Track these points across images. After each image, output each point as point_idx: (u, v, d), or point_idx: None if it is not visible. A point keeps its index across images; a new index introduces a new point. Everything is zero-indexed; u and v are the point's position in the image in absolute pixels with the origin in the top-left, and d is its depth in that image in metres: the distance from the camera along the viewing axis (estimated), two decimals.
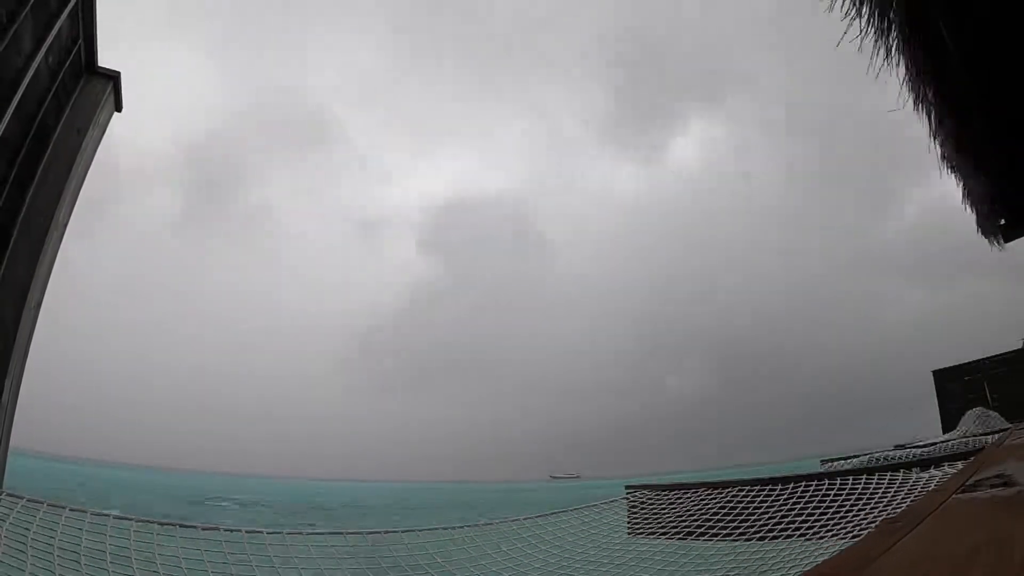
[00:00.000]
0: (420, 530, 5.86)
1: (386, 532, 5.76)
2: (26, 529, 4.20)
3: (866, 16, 3.30)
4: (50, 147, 9.98)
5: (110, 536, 4.44)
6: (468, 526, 6.12)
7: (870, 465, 8.32)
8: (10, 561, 3.78)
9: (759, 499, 6.60)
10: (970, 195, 5.01)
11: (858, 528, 5.49)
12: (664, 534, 6.54)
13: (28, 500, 4.58)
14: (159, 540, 4.64)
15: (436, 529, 5.96)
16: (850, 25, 3.35)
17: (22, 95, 8.43)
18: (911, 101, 4.04)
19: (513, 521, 6.38)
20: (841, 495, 6.15)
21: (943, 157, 4.56)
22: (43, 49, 8.81)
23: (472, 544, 5.86)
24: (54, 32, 9.10)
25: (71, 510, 4.64)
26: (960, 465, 6.21)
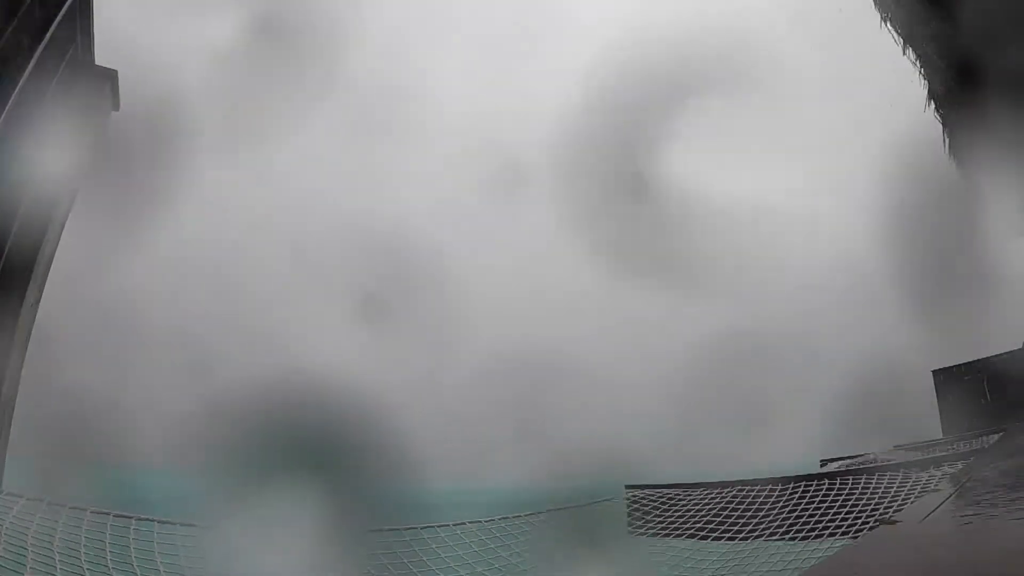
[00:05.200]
0: (422, 527, 5.88)
1: (389, 529, 5.78)
2: (26, 527, 4.20)
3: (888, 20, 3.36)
4: (48, 146, 9.98)
5: (110, 533, 4.44)
6: (470, 522, 6.13)
7: (870, 465, 8.33)
8: (11, 558, 3.78)
9: (759, 499, 6.61)
10: (977, 191, 5.03)
11: (858, 528, 5.50)
12: (664, 533, 6.55)
13: (28, 499, 4.58)
14: (159, 538, 4.64)
15: (438, 526, 5.97)
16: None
17: (20, 93, 8.42)
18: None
19: (515, 518, 6.38)
20: (841, 495, 6.15)
21: (953, 152, 4.60)
22: (40, 48, 8.80)
23: (474, 540, 5.87)
24: (51, 31, 9.08)
25: (71, 508, 4.64)
26: (960, 465, 6.22)
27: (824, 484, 6.49)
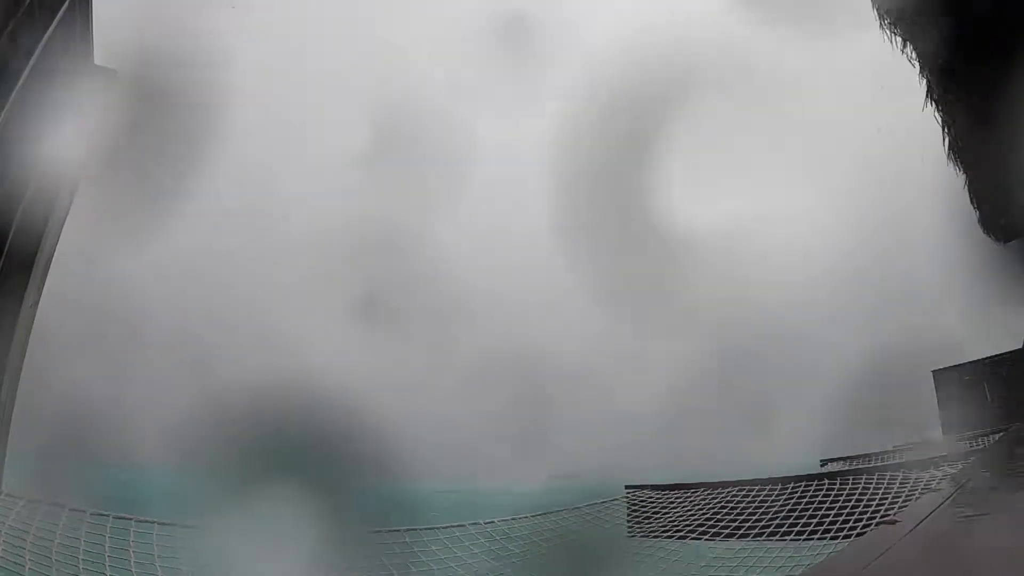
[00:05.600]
0: (422, 528, 5.88)
1: (389, 531, 5.79)
2: (26, 529, 4.19)
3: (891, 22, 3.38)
4: (47, 146, 9.97)
5: (109, 536, 4.44)
6: (470, 524, 6.14)
7: (870, 465, 8.32)
8: (10, 559, 3.77)
9: (759, 499, 6.61)
10: (975, 191, 5.05)
11: (858, 528, 5.50)
12: (664, 534, 6.55)
13: (28, 500, 4.57)
14: (158, 540, 4.63)
15: (438, 528, 5.98)
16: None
17: (19, 93, 8.40)
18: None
19: (514, 520, 6.39)
20: (841, 495, 6.15)
21: (952, 152, 4.62)
22: (39, 47, 8.78)
23: (474, 542, 5.88)
24: (51, 30, 9.07)
25: (71, 510, 4.63)
26: (960, 465, 6.22)
27: (824, 484, 6.49)
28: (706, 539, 6.30)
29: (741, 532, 6.22)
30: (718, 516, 6.54)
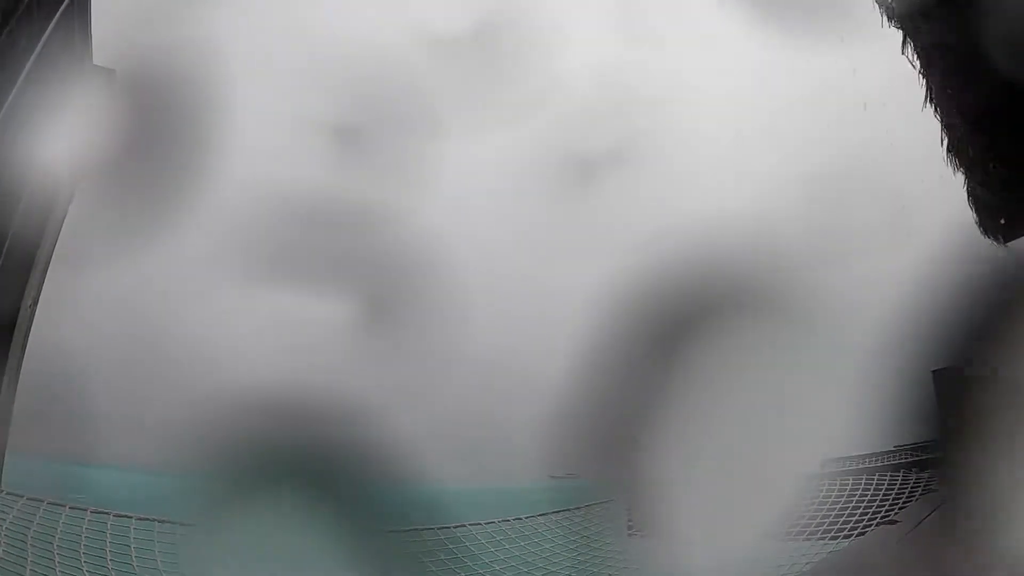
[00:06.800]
0: (422, 528, 5.89)
1: (389, 531, 5.79)
2: (26, 527, 4.20)
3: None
4: (46, 145, 9.96)
5: (110, 533, 4.45)
6: (471, 524, 6.14)
7: (870, 465, 8.33)
8: (11, 558, 3.77)
9: (759, 499, 6.59)
10: (973, 192, 5.03)
11: (858, 528, 5.50)
12: (664, 533, 6.53)
13: (28, 498, 4.58)
14: (159, 537, 4.64)
15: (437, 528, 5.98)
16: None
17: (17, 93, 8.40)
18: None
19: (515, 520, 6.40)
20: (842, 495, 6.16)
21: (950, 153, 4.60)
22: (38, 47, 8.77)
23: (474, 542, 5.89)
24: (49, 30, 9.06)
25: (71, 508, 4.64)
26: (959, 465, 6.21)
27: (824, 484, 6.49)
28: (704, 538, 6.30)
29: (740, 532, 6.21)
30: (718, 516, 6.53)
